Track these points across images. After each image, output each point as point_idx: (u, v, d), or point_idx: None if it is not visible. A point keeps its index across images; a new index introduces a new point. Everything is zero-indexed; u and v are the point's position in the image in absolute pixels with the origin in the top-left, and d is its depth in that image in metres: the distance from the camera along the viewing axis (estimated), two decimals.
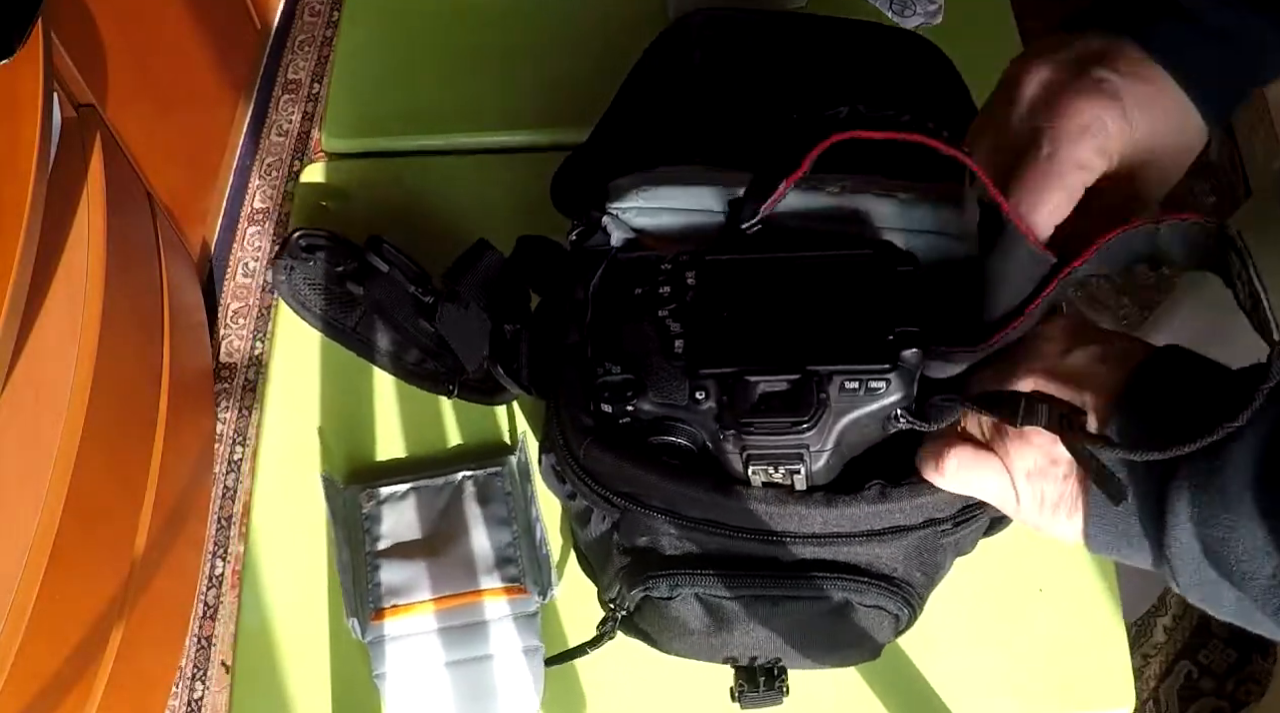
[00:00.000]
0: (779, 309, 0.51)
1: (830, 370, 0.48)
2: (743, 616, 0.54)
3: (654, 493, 0.52)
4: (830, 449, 0.49)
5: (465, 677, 0.66)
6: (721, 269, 0.53)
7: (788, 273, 0.52)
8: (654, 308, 0.52)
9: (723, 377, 0.49)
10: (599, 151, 0.66)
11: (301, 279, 0.73)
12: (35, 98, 0.94)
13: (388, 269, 0.70)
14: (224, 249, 1.71)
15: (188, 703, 1.42)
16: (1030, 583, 0.69)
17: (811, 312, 0.51)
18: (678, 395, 0.50)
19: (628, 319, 0.53)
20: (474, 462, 0.72)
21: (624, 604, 0.56)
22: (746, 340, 0.50)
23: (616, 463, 0.52)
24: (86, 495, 1.08)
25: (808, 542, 0.51)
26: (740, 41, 0.71)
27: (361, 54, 0.93)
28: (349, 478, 0.73)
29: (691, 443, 0.51)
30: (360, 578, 0.68)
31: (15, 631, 0.98)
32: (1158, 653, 1.36)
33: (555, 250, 0.62)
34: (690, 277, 0.52)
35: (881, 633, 0.55)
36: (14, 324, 0.91)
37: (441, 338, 0.70)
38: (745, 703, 0.58)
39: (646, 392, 0.50)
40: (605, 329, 0.54)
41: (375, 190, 0.86)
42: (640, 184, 0.58)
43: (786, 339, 0.50)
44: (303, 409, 0.76)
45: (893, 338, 0.49)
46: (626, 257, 0.56)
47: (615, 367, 0.51)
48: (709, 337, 0.51)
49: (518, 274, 0.63)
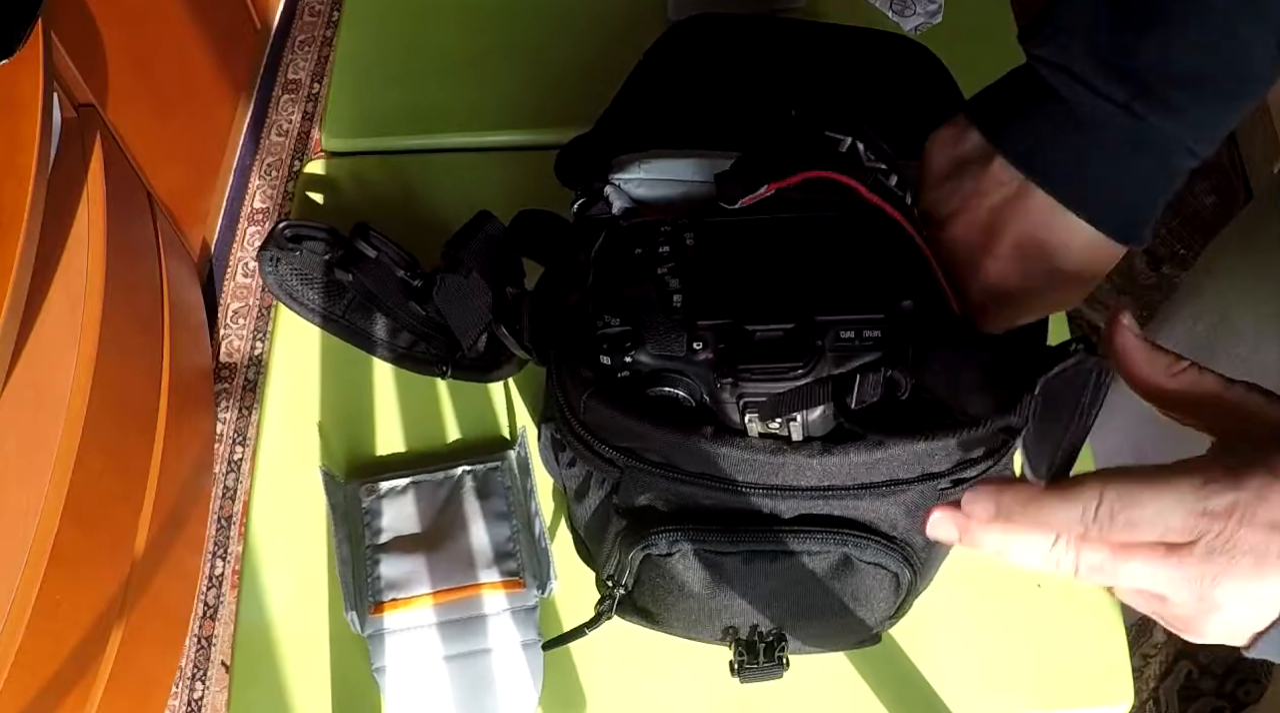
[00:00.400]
0: (777, 265, 0.52)
1: (826, 320, 0.49)
2: (742, 572, 0.54)
3: (652, 447, 0.53)
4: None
5: (464, 670, 0.66)
6: (721, 230, 0.54)
7: (787, 232, 0.53)
8: (653, 267, 0.53)
9: (720, 327, 0.50)
10: (603, 136, 0.67)
11: (289, 270, 0.73)
12: (35, 98, 0.94)
13: (375, 255, 0.71)
14: (224, 249, 1.71)
15: (188, 703, 1.42)
16: (1029, 579, 0.69)
17: (809, 267, 0.52)
18: (675, 347, 0.50)
19: (628, 279, 0.53)
20: (474, 456, 0.72)
21: (623, 577, 0.56)
22: (744, 293, 0.51)
23: (615, 415, 0.52)
24: (86, 495, 1.08)
25: (806, 495, 0.51)
26: (737, 46, 0.71)
27: (361, 54, 0.93)
28: (349, 473, 0.73)
29: (690, 395, 0.51)
30: (359, 572, 0.68)
31: (15, 631, 0.98)
32: (1158, 653, 1.36)
33: (556, 221, 0.64)
34: (690, 237, 0.53)
35: (882, 595, 0.55)
36: (14, 324, 0.91)
37: (432, 321, 0.70)
38: (745, 677, 0.58)
39: (645, 343, 0.51)
40: (606, 289, 0.54)
41: (375, 189, 0.86)
42: (642, 158, 0.59)
43: (783, 292, 0.51)
44: (303, 406, 0.76)
45: (888, 288, 0.50)
46: (628, 222, 0.57)
47: (614, 319, 0.52)
48: (707, 290, 0.52)
49: (517, 244, 0.64)
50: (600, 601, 0.57)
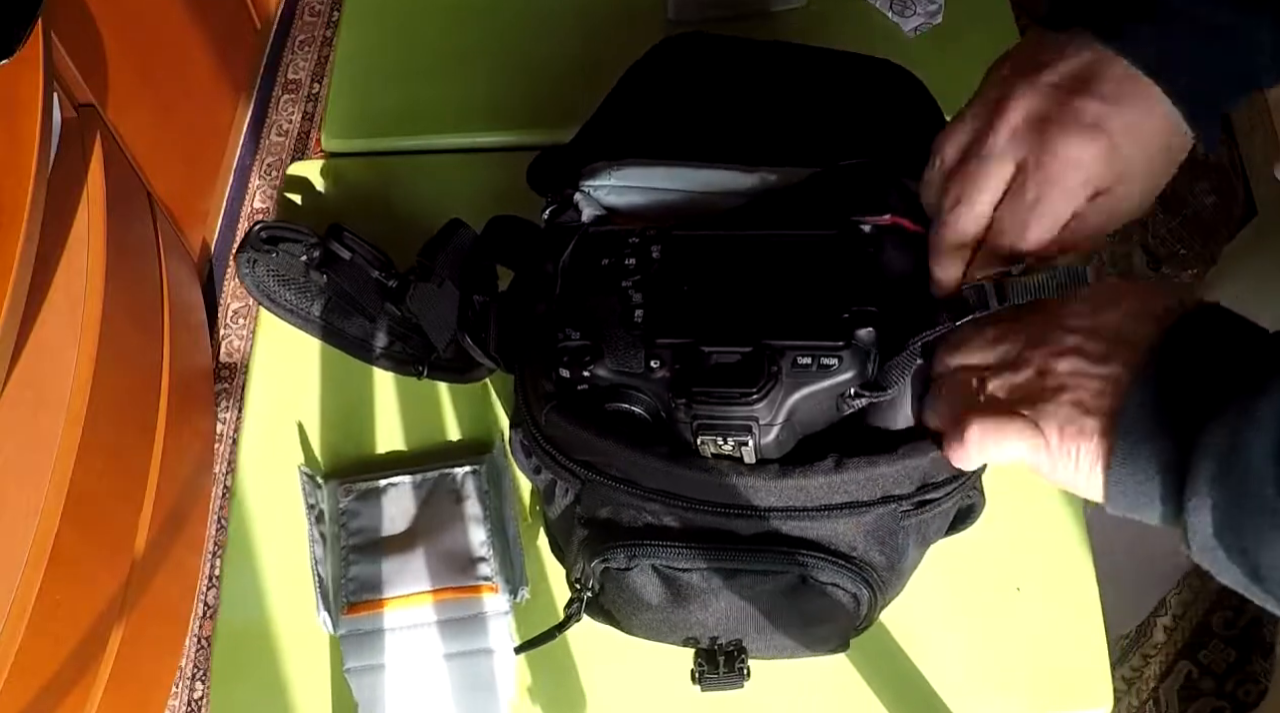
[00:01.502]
0: (740, 284, 0.52)
1: (783, 345, 0.49)
2: (700, 589, 0.54)
3: (612, 462, 0.53)
4: (780, 423, 0.49)
5: (436, 674, 0.66)
6: (687, 244, 0.54)
7: (752, 250, 0.54)
8: (618, 279, 0.53)
9: (678, 346, 0.50)
10: (577, 147, 0.67)
11: (265, 271, 0.73)
12: (35, 98, 0.94)
13: (350, 256, 0.71)
14: (224, 249, 1.71)
15: (188, 703, 1.42)
16: (1008, 582, 0.69)
17: (772, 288, 0.52)
18: (634, 363, 0.51)
19: (593, 290, 0.54)
20: (452, 459, 0.72)
21: (588, 582, 0.56)
22: (705, 313, 0.51)
23: (575, 430, 0.52)
24: (86, 495, 1.08)
25: (764, 516, 0.51)
26: (720, 65, 0.71)
27: (361, 54, 0.93)
28: (328, 473, 0.73)
29: (646, 412, 0.51)
30: (334, 573, 0.68)
31: (15, 631, 0.98)
32: (1158, 653, 1.36)
33: (528, 228, 0.64)
34: (656, 250, 0.54)
35: (841, 615, 0.55)
36: (14, 324, 0.91)
37: (408, 321, 0.71)
38: (705, 686, 0.58)
39: (604, 357, 0.51)
40: (571, 300, 0.55)
41: (375, 190, 0.86)
42: (614, 166, 0.59)
43: (744, 313, 0.51)
44: (284, 406, 0.76)
45: (848, 316, 0.50)
46: (597, 231, 0.57)
47: (575, 332, 0.52)
48: (668, 308, 0.52)
49: (489, 251, 0.64)
50: (569, 603, 0.57)
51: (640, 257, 0.54)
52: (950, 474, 0.51)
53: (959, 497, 0.54)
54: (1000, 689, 0.67)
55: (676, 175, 0.58)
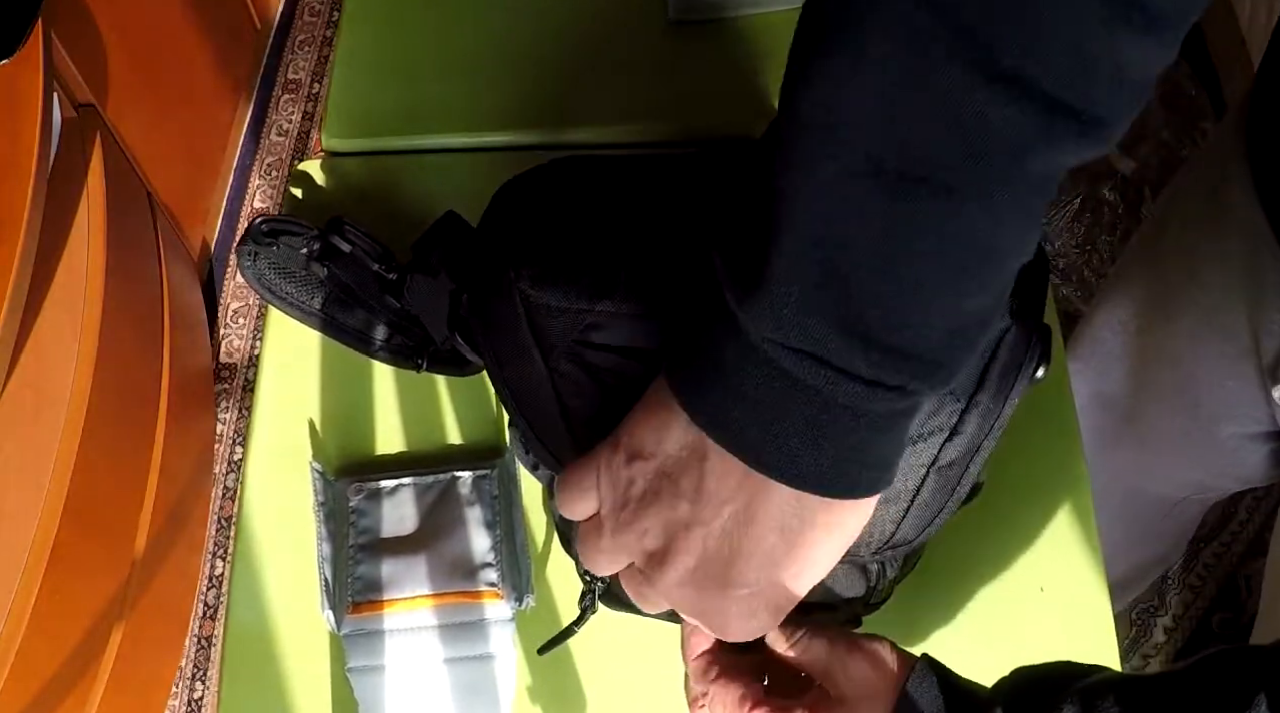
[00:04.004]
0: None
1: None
2: None
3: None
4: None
5: (436, 678, 0.66)
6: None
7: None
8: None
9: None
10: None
11: (266, 265, 0.73)
12: (35, 98, 0.94)
13: (350, 249, 0.72)
14: (224, 249, 1.71)
15: (188, 703, 1.42)
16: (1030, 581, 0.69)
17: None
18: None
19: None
20: (464, 462, 0.72)
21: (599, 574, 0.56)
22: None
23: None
24: (86, 495, 1.08)
25: None
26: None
27: (361, 54, 0.93)
28: (339, 471, 0.73)
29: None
30: (340, 571, 0.68)
31: (15, 631, 0.98)
32: (1158, 653, 1.36)
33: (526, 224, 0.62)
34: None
35: (849, 583, 0.55)
36: (14, 324, 0.91)
37: (407, 314, 0.71)
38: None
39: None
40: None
41: (375, 190, 0.86)
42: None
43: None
44: (296, 403, 0.76)
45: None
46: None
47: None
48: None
49: (484, 246, 0.63)
50: (583, 596, 0.57)
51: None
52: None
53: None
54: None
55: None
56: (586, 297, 0.48)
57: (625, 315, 0.48)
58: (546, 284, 0.49)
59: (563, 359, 0.50)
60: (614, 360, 0.48)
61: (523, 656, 0.67)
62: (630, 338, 0.48)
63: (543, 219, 0.55)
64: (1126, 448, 0.86)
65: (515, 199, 0.58)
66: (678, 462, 0.40)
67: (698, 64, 0.87)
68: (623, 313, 0.48)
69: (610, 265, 0.49)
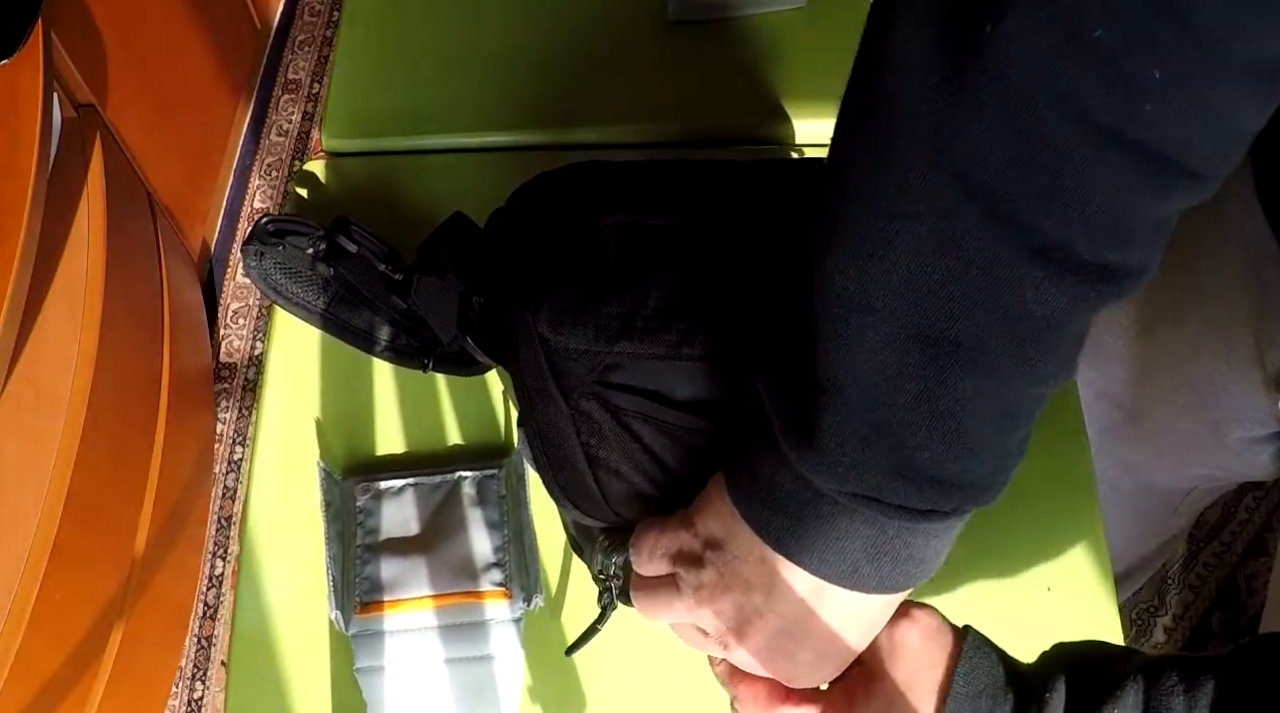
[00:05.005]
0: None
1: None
2: None
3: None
4: None
5: (444, 678, 0.66)
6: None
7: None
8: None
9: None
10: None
11: (272, 264, 0.73)
12: (35, 98, 0.95)
13: (356, 249, 0.72)
14: (224, 249, 1.71)
15: (188, 703, 1.42)
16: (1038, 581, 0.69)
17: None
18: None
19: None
20: (472, 462, 0.72)
21: (611, 571, 0.56)
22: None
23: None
24: (86, 495, 1.08)
25: None
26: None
27: (361, 54, 0.93)
28: (346, 471, 0.73)
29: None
30: (348, 571, 0.68)
31: (15, 631, 0.98)
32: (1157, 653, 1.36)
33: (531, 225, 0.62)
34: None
35: None
36: (14, 324, 0.91)
37: (413, 314, 0.71)
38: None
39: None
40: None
41: (375, 190, 0.86)
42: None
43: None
44: (301, 403, 0.76)
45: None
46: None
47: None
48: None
49: (491, 247, 0.63)
50: (601, 594, 0.57)
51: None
52: None
53: None
54: None
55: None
56: (605, 337, 0.49)
57: (644, 355, 0.49)
58: (564, 326, 0.50)
59: (583, 400, 0.50)
60: (635, 401, 0.49)
61: (527, 657, 0.67)
62: (649, 378, 0.49)
63: (558, 229, 0.55)
64: (1134, 444, 0.86)
65: (530, 204, 0.59)
66: (748, 559, 0.44)
67: (698, 64, 0.87)
68: (641, 353, 0.49)
69: (626, 296, 0.50)
